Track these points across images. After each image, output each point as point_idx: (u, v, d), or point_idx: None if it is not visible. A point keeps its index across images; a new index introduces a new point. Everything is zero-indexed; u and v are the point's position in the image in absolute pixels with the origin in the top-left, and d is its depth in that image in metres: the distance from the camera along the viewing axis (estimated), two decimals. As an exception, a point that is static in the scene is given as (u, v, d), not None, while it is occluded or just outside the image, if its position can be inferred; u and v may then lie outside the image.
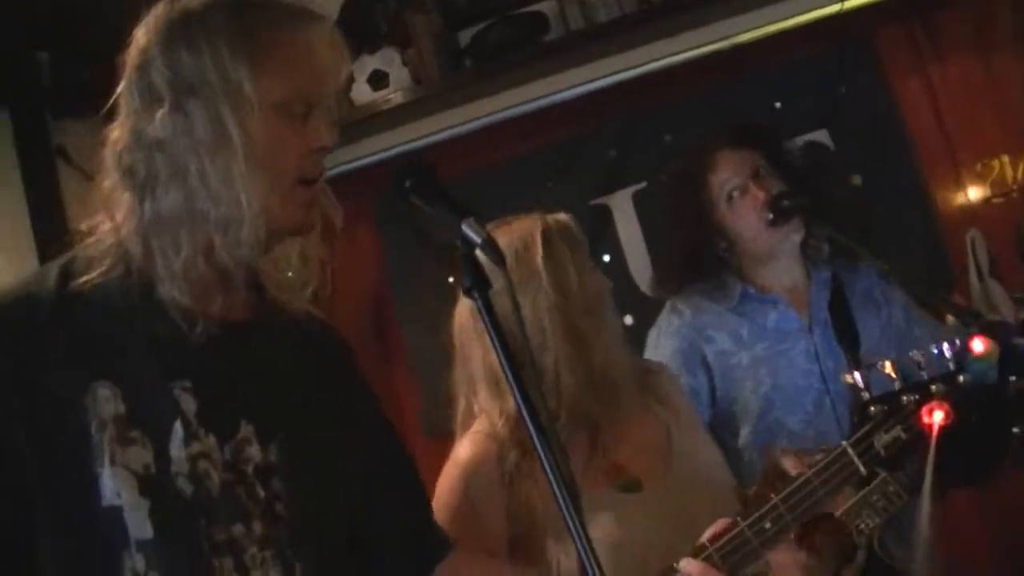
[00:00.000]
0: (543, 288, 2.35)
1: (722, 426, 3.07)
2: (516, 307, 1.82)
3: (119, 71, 1.72)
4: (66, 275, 1.69)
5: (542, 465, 1.57)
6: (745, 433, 3.07)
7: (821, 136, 4.22)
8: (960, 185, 4.13)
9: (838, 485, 1.99)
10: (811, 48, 4.26)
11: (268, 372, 1.77)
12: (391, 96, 4.33)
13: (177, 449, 1.63)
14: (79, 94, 4.35)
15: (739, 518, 1.97)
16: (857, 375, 2.00)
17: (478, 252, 1.66)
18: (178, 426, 1.64)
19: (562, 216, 2.49)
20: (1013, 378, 2.25)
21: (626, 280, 4.29)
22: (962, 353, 2.01)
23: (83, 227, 1.75)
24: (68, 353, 1.62)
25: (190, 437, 1.64)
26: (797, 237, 3.11)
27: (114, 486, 1.58)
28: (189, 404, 1.65)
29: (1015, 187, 4.05)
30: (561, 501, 1.55)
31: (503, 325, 1.64)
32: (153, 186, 1.66)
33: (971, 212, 4.10)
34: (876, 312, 3.16)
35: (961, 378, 2.00)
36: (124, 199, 1.69)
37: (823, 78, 4.24)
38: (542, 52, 4.30)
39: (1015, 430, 2.23)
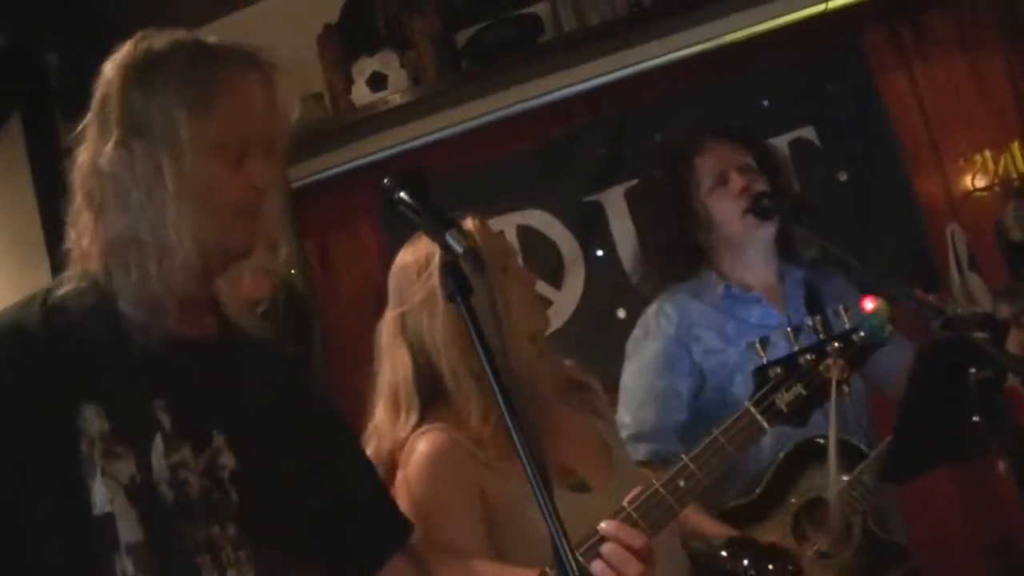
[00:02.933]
0: (439, 305, 2.34)
1: (708, 422, 3.13)
2: (494, 310, 1.92)
3: None
4: (47, 303, 1.82)
5: (519, 455, 1.68)
6: None
7: (808, 133, 4.32)
8: (943, 180, 4.22)
9: (745, 442, 2.10)
10: (798, 47, 4.35)
11: (234, 386, 1.91)
12: (390, 97, 4.46)
13: (158, 459, 1.77)
14: (88, 96, 4.45)
15: (654, 480, 2.07)
16: (757, 345, 2.14)
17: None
18: (158, 439, 1.78)
19: (467, 221, 2.43)
20: (973, 370, 2.37)
21: (620, 275, 4.40)
22: (855, 313, 2.14)
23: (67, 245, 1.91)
24: (56, 378, 1.76)
25: (170, 449, 1.78)
26: (770, 231, 3.18)
27: (105, 494, 1.73)
28: (166, 420, 1.79)
29: (997, 181, 4.13)
30: (537, 491, 1.66)
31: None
32: (105, 210, 1.81)
33: (953, 206, 4.19)
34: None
35: (855, 336, 2.13)
36: (86, 219, 1.83)
37: (810, 77, 4.34)
38: (536, 53, 4.41)
39: (975, 419, 2.35)
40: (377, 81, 4.46)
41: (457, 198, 1.97)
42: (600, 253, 4.46)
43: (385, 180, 1.88)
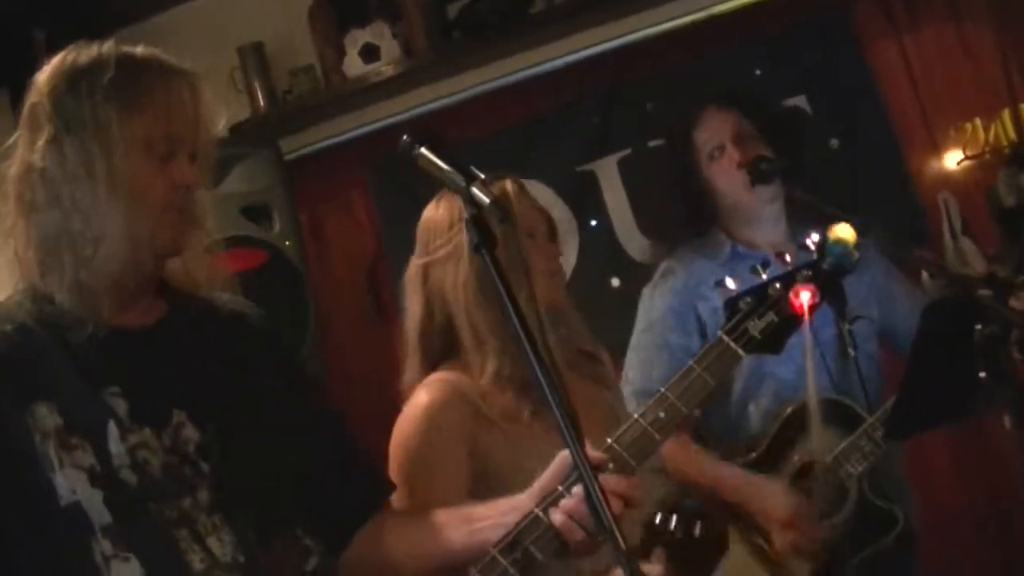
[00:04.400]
0: (463, 260, 2.40)
1: None
2: (521, 260, 1.94)
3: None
4: None
5: (551, 406, 1.70)
6: (738, 388, 3.16)
7: (800, 101, 4.34)
8: (933, 148, 4.24)
9: (722, 371, 2.11)
10: (790, 17, 4.36)
11: (190, 363, 1.96)
12: (382, 68, 4.46)
13: (115, 445, 1.81)
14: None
15: (635, 414, 2.08)
16: (729, 281, 2.14)
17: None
18: (112, 426, 1.82)
19: (505, 184, 2.51)
20: (979, 326, 2.40)
21: (613, 244, 4.44)
22: (822, 242, 2.17)
23: None
24: (3, 383, 1.81)
25: (125, 432, 1.82)
26: (777, 203, 3.21)
27: (67, 485, 1.78)
28: (120, 406, 1.84)
29: (987, 150, 4.15)
30: (569, 440, 1.69)
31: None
32: (37, 210, 1.86)
33: (944, 174, 4.21)
34: (859, 272, 3.29)
35: (824, 264, 2.16)
36: (19, 225, 1.89)
37: (802, 46, 4.35)
38: (528, 24, 4.41)
39: (981, 375, 2.38)
40: (369, 52, 4.45)
41: None
42: (594, 223, 4.47)
43: (404, 137, 1.89)
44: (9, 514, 1.79)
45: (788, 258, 2.16)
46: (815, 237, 2.18)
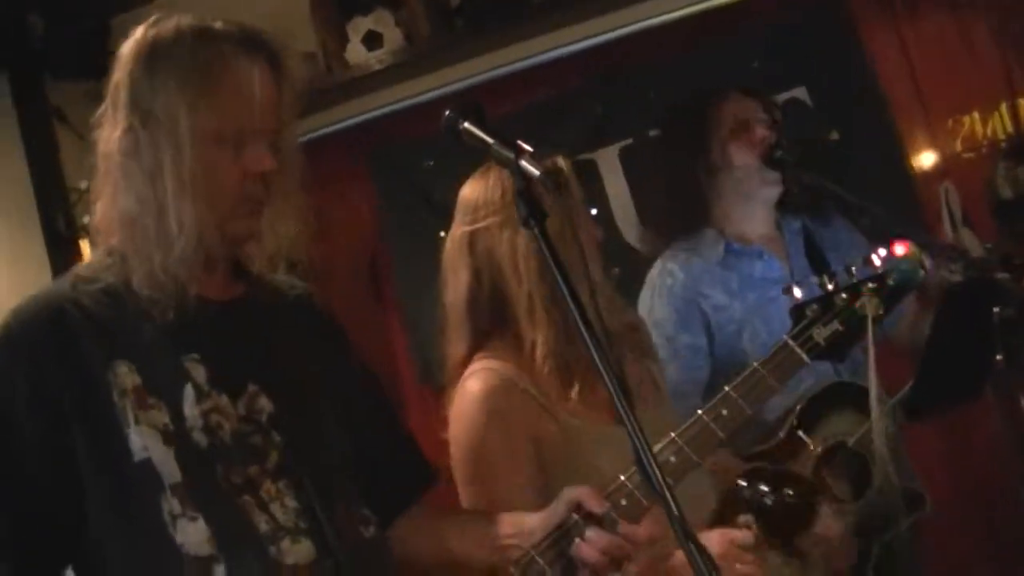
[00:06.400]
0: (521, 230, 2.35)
1: (719, 378, 3.09)
2: (573, 233, 1.96)
3: (113, 34, 1.94)
4: (77, 279, 1.94)
5: (600, 373, 1.72)
6: None
7: (800, 93, 4.36)
8: (932, 140, 4.27)
9: (785, 374, 2.19)
10: (788, 8, 4.39)
11: (264, 340, 2.02)
12: (384, 56, 4.46)
13: (190, 408, 1.86)
14: (74, 57, 4.43)
15: (699, 410, 2.14)
16: (796, 289, 2.23)
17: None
18: (189, 389, 1.87)
19: (559, 160, 2.50)
20: (997, 308, 2.44)
21: (613, 233, 4.42)
22: (888, 257, 2.24)
23: (81, 186, 1.97)
24: (89, 343, 1.86)
25: (201, 397, 1.87)
26: (776, 190, 3.25)
27: (141, 442, 1.82)
28: (199, 371, 1.89)
29: (985, 143, 4.19)
30: (621, 406, 1.71)
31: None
32: (118, 191, 1.91)
33: (943, 166, 4.25)
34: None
35: (889, 279, 2.23)
36: (105, 195, 1.94)
37: (800, 37, 4.37)
38: (530, 12, 4.41)
39: (999, 356, 2.42)
40: (372, 40, 4.46)
41: (454, 156, 2.00)
42: (594, 212, 4.46)
43: (447, 112, 1.90)
44: (85, 466, 1.82)
45: (854, 270, 2.24)
46: (882, 253, 2.25)
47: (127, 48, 1.93)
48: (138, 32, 1.93)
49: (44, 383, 1.83)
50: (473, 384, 2.38)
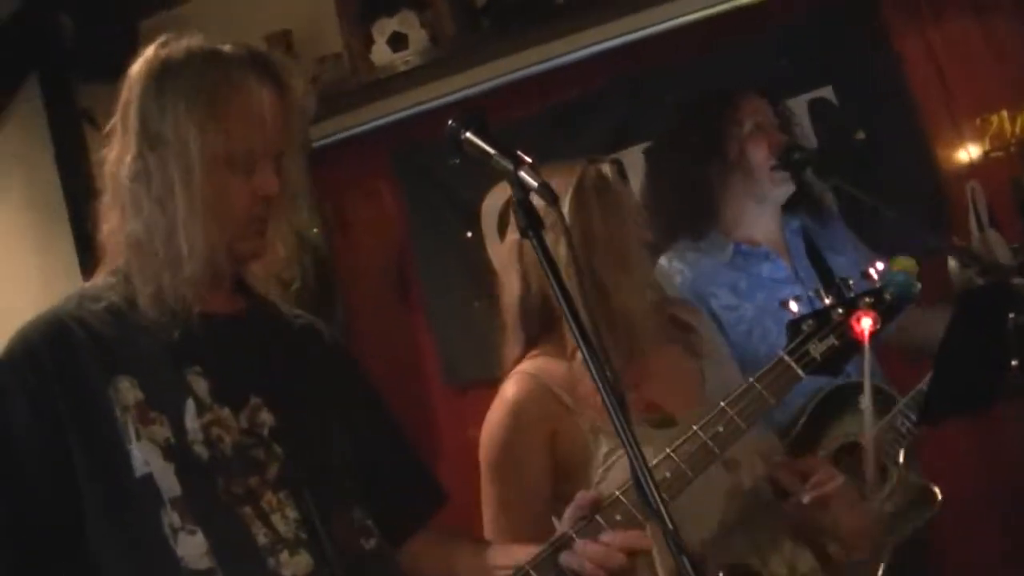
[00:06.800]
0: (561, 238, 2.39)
1: None
2: (569, 244, 1.98)
3: (142, 37, 1.95)
4: (83, 298, 1.96)
5: (595, 382, 1.73)
6: None
7: (826, 93, 4.33)
8: (959, 139, 4.24)
9: (781, 390, 2.20)
10: (816, 7, 4.36)
11: (268, 355, 2.05)
12: (410, 57, 4.48)
13: (191, 421, 1.88)
14: (103, 59, 4.47)
15: (694, 425, 2.15)
16: (792, 303, 2.23)
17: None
18: (190, 403, 1.89)
19: (604, 165, 2.62)
20: (1012, 315, 2.43)
21: (639, 233, 4.41)
22: (885, 271, 2.25)
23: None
24: (90, 360, 1.88)
25: (202, 410, 1.89)
26: (786, 192, 3.27)
27: (142, 457, 1.84)
28: (201, 385, 1.91)
29: (1013, 141, 4.14)
30: (614, 416, 1.72)
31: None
32: (126, 214, 1.93)
33: (970, 165, 4.21)
34: (845, 261, 3.33)
35: (886, 293, 2.24)
36: (112, 217, 1.96)
37: (827, 36, 4.34)
38: (555, 12, 4.41)
39: (1013, 363, 2.40)
40: (397, 41, 4.48)
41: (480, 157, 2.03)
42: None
43: (449, 122, 1.92)
44: (88, 482, 1.84)
45: (851, 283, 2.25)
46: (879, 266, 2.26)
47: (137, 68, 1.95)
48: (148, 53, 1.96)
49: (45, 400, 1.85)
50: (509, 387, 2.51)
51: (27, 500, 1.85)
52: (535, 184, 1.79)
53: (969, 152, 4.23)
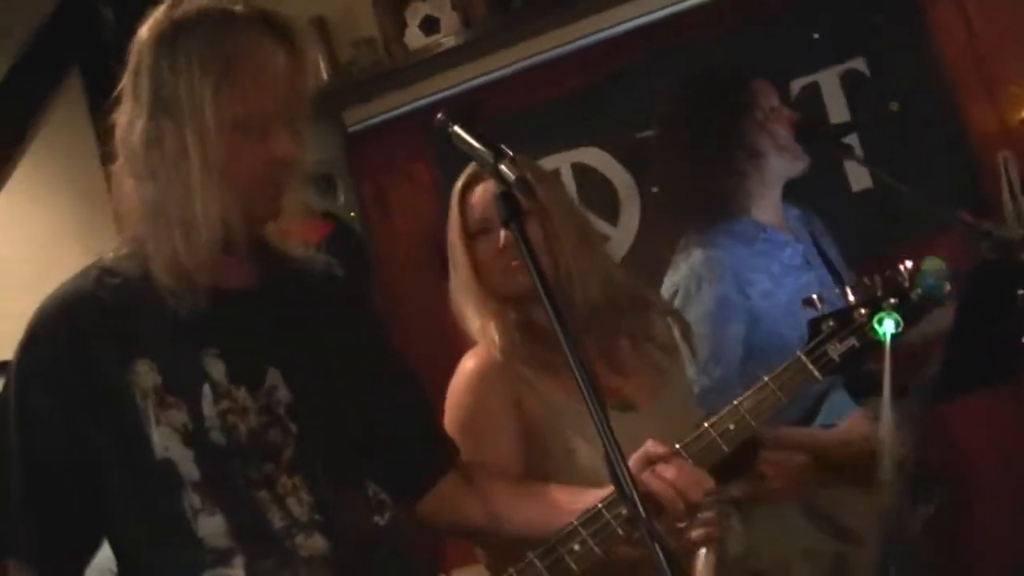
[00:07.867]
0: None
1: (758, 364, 3.16)
2: (547, 235, 2.03)
3: None
4: (100, 271, 1.96)
5: (571, 366, 1.78)
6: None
7: (859, 64, 4.33)
8: (992, 109, 4.21)
9: (795, 390, 2.17)
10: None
11: (285, 322, 2.03)
12: (443, 40, 4.52)
13: (208, 408, 1.89)
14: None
15: (705, 422, 2.15)
16: (815, 297, 2.19)
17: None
18: (206, 389, 1.90)
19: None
20: (1022, 292, 2.42)
21: (674, 209, 4.42)
22: (914, 271, 2.20)
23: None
24: (110, 340, 1.89)
25: (219, 396, 1.90)
26: (801, 166, 3.30)
27: (162, 442, 1.87)
28: (218, 367, 1.92)
29: (1047, 110, 4.15)
30: (589, 397, 1.76)
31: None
32: (140, 179, 1.91)
33: (1003, 135, 4.18)
34: (834, 254, 3.36)
35: (913, 294, 2.20)
36: (126, 183, 1.94)
37: (859, 8, 4.32)
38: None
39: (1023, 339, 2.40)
40: (430, 24, 4.53)
41: (511, 138, 2.06)
42: (655, 189, 4.49)
43: (438, 115, 1.97)
44: (109, 462, 1.88)
45: (877, 279, 2.22)
46: (908, 265, 2.22)
47: (147, 31, 1.91)
48: (158, 14, 1.91)
49: (63, 383, 1.87)
50: (470, 361, 2.54)
51: (52, 483, 1.89)
52: (513, 177, 1.83)
53: (1002, 122, 4.20)
